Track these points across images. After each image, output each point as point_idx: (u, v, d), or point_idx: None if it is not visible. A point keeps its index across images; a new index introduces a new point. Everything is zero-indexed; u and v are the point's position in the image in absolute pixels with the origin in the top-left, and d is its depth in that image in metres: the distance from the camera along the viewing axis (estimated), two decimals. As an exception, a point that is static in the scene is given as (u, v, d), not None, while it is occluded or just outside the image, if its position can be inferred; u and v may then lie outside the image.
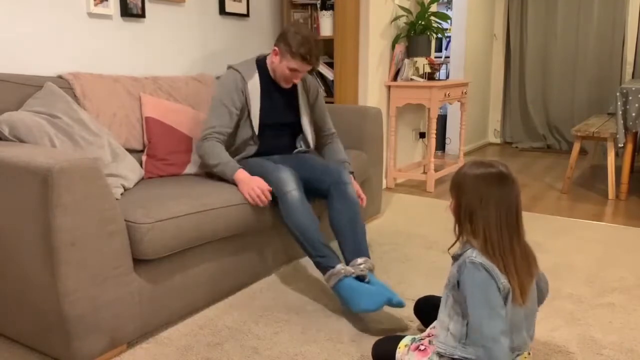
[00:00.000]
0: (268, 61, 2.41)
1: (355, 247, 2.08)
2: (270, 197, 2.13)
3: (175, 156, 2.44)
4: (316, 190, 2.26)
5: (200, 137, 2.30)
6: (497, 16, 5.96)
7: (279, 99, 2.44)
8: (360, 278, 1.97)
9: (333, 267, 1.98)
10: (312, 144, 2.56)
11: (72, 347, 1.59)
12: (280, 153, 2.48)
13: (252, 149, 2.40)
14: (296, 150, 2.54)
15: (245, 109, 2.36)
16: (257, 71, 2.39)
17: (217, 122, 2.28)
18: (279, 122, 2.45)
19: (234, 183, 2.17)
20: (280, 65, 2.31)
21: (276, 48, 2.32)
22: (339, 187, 2.20)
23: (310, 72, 2.44)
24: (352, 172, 2.45)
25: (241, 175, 2.16)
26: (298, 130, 2.54)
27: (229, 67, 2.40)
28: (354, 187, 2.30)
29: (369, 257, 2.08)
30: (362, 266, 2.00)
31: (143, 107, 2.45)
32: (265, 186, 2.12)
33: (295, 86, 2.48)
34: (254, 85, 2.35)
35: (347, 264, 2.05)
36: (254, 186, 2.10)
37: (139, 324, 1.78)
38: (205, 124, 2.32)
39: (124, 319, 1.72)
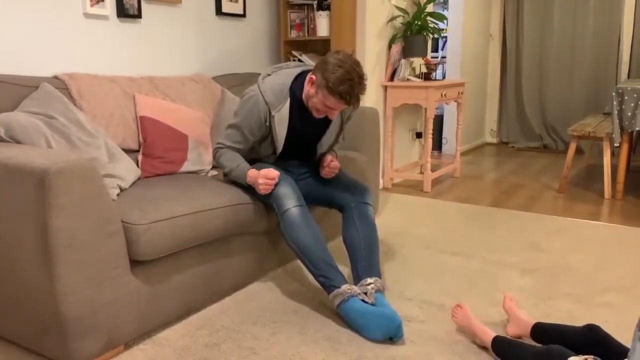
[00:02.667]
0: (304, 88, 2.11)
1: (368, 266, 2.03)
2: (277, 174, 2.05)
3: (171, 154, 2.44)
4: (334, 202, 2.23)
5: (215, 149, 2.24)
6: (493, 16, 5.98)
7: (309, 124, 2.19)
8: (364, 300, 1.90)
9: (338, 287, 1.91)
10: (318, 155, 2.36)
11: (70, 348, 1.59)
12: (300, 159, 2.34)
13: (270, 159, 2.29)
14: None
15: (268, 135, 2.19)
16: (288, 98, 2.12)
17: (232, 143, 2.19)
18: (304, 143, 2.28)
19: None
20: (315, 97, 2.02)
21: (313, 77, 2.02)
22: (361, 206, 2.16)
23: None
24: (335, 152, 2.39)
25: (251, 176, 2.10)
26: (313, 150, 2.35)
27: (259, 84, 2.14)
28: (332, 158, 2.25)
29: (380, 278, 2.01)
30: (370, 286, 1.93)
31: (137, 106, 2.44)
32: (270, 174, 2.04)
33: None
34: (281, 116, 2.12)
35: (357, 282, 2.00)
36: (261, 182, 2.04)
37: (136, 325, 1.77)
38: (221, 137, 2.23)
39: (121, 319, 1.71)
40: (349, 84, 1.92)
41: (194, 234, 1.89)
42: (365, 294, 1.92)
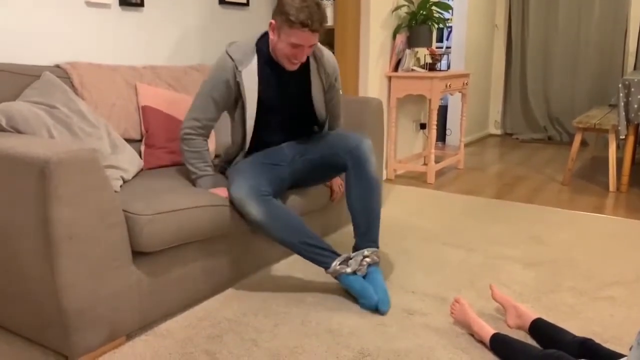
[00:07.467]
0: (270, 38, 2.09)
1: (367, 233, 2.10)
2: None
3: (175, 144, 2.43)
4: (335, 165, 2.19)
5: (182, 128, 2.16)
6: (499, 6, 5.92)
7: (285, 86, 2.17)
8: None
9: (328, 268, 2.01)
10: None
11: (71, 339, 1.59)
12: (296, 134, 2.30)
13: (248, 143, 2.22)
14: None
15: (239, 100, 2.14)
16: (255, 55, 2.10)
17: (202, 115, 2.14)
18: (286, 112, 2.22)
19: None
20: (280, 42, 2.01)
21: (272, 21, 2.01)
22: (357, 167, 2.09)
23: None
24: None
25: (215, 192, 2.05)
26: (312, 117, 2.30)
27: (226, 49, 2.13)
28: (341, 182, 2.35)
29: (378, 247, 2.10)
30: (367, 260, 2.03)
31: (139, 96, 2.43)
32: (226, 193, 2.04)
33: (307, 68, 2.18)
34: (250, 72, 2.08)
35: (357, 248, 2.10)
36: (218, 193, 2.04)
37: (138, 317, 1.77)
38: (190, 111, 2.16)
39: (123, 311, 1.71)
40: (308, 10, 1.92)
41: (198, 227, 1.88)
42: (355, 272, 2.01)
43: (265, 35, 2.15)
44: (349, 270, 2.00)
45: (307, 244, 2.01)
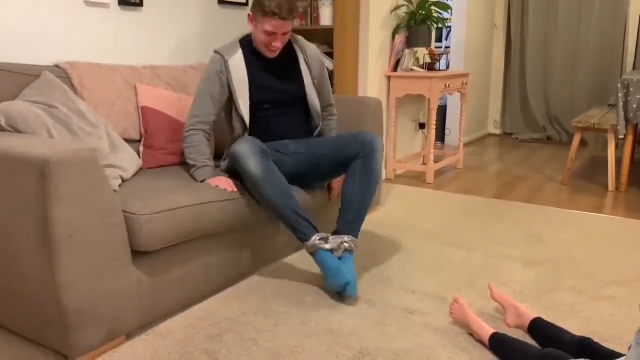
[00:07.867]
0: (251, 30, 2.30)
1: (353, 222, 2.14)
2: (235, 189, 2.09)
3: (174, 145, 2.43)
4: (342, 158, 2.22)
5: (185, 128, 2.26)
6: (498, 6, 5.92)
7: (275, 74, 2.32)
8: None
9: (307, 240, 2.05)
10: (320, 122, 2.46)
11: (71, 339, 1.59)
12: (292, 137, 2.36)
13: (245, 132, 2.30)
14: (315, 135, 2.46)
15: (232, 92, 2.26)
16: (240, 48, 2.28)
17: (200, 111, 2.24)
18: (279, 100, 2.32)
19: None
20: (257, 32, 2.21)
21: (250, 14, 2.22)
22: (367, 158, 2.16)
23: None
24: None
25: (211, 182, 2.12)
26: (306, 109, 2.41)
27: (214, 50, 2.30)
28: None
29: (357, 237, 2.14)
30: (344, 244, 2.07)
31: (139, 96, 2.43)
32: (226, 183, 2.09)
33: (295, 58, 2.38)
34: (236, 63, 2.25)
35: (336, 232, 2.13)
36: (217, 183, 2.09)
37: (137, 316, 1.77)
38: (189, 112, 2.27)
39: (122, 311, 1.71)
40: (278, 0, 2.11)
41: (197, 226, 1.88)
42: (333, 250, 2.05)
43: (248, 35, 2.35)
44: (327, 246, 2.04)
45: (294, 211, 2.06)
